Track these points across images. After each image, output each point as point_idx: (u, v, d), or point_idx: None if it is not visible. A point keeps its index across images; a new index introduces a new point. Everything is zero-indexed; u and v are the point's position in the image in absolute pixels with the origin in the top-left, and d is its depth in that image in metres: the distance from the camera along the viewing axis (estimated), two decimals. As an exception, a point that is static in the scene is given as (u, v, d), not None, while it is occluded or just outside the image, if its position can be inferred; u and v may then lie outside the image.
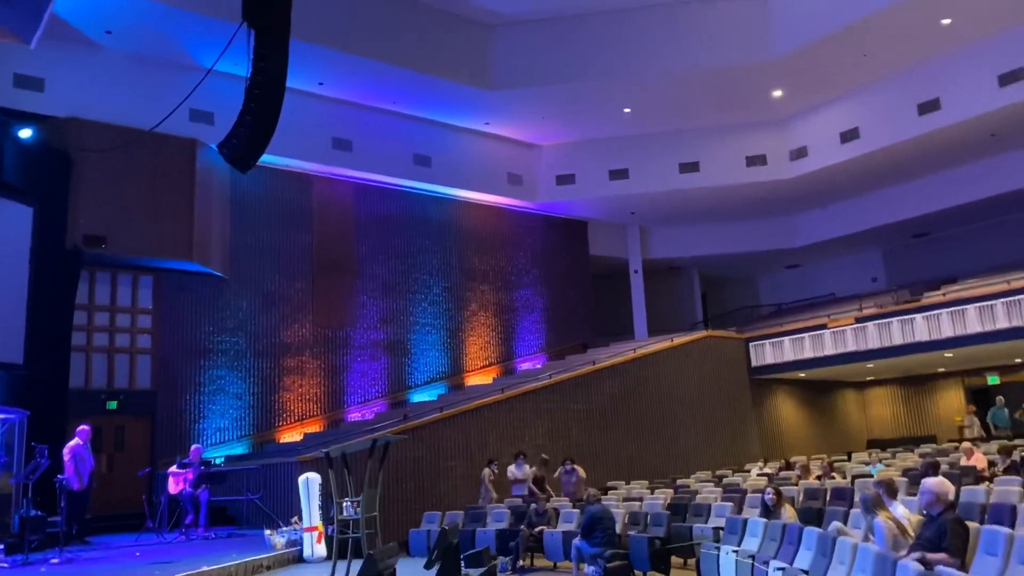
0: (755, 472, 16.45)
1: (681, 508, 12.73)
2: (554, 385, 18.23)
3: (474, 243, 21.94)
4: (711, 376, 21.02)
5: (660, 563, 10.74)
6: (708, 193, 22.48)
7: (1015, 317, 17.10)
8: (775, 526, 8.37)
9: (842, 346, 20.19)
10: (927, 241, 23.89)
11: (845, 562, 6.34)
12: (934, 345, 18.60)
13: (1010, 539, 5.80)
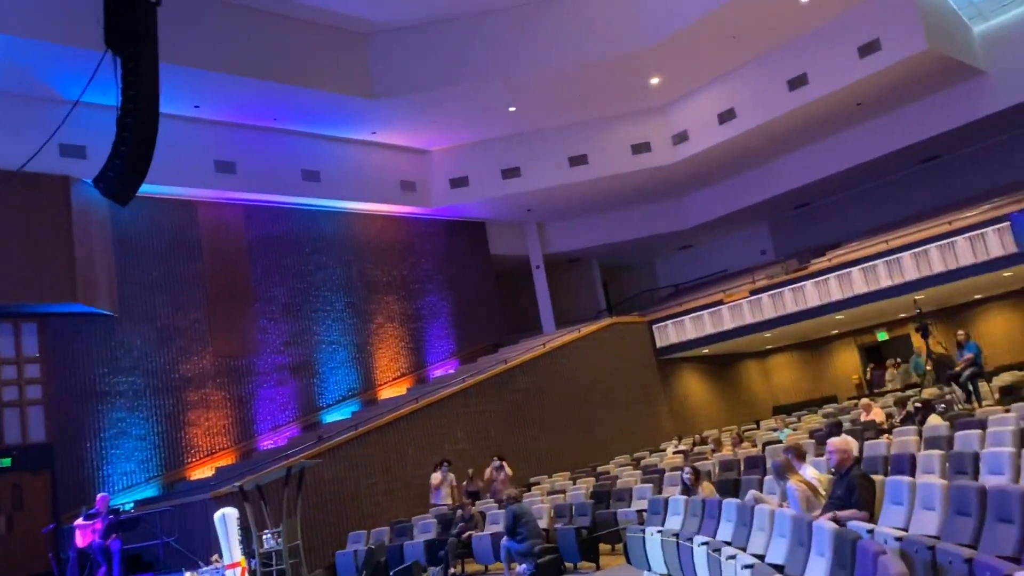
0: (671, 450, 16.85)
1: (604, 495, 12.93)
2: (468, 388, 18.22)
3: (373, 255, 21.68)
4: (620, 362, 21.40)
5: (589, 552, 10.89)
6: (599, 184, 22.87)
7: (896, 275, 18.03)
8: (695, 502, 8.59)
9: (740, 319, 20.87)
10: (809, 211, 24.93)
11: (764, 529, 6.55)
12: (825, 309, 19.43)
13: (912, 487, 6.11)
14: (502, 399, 18.72)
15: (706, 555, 7.02)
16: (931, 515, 5.60)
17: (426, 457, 16.53)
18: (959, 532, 5.00)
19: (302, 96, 18.43)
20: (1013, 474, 6.11)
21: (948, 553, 4.42)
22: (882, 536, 5.47)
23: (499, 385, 18.79)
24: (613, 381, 21.00)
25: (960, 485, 5.43)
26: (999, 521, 4.63)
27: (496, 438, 17.98)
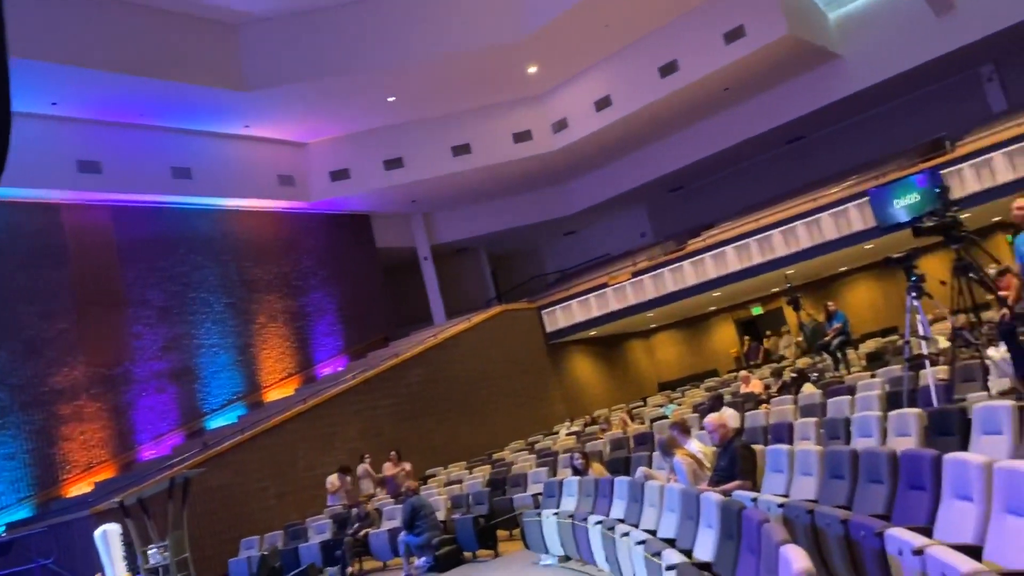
0: (564, 432, 17.13)
1: (500, 482, 13.03)
2: (359, 385, 17.97)
3: (253, 253, 21.03)
4: (511, 349, 21.57)
5: (487, 539, 10.95)
6: (483, 173, 22.92)
7: (767, 251, 18.86)
8: (588, 483, 8.76)
9: (623, 301, 21.38)
10: (684, 193, 25.75)
11: (655, 504, 6.74)
12: (702, 287, 20.13)
13: (791, 455, 6.42)
14: (395, 393, 18.56)
15: (601, 534, 7.17)
16: (809, 480, 5.90)
17: (318, 458, 16.23)
18: (835, 495, 5.29)
19: (169, 90, 17.64)
20: (880, 436, 6.51)
21: (826, 516, 4.66)
22: (765, 504, 5.73)
23: (391, 379, 18.62)
24: (505, 368, 21.15)
25: (834, 450, 5.74)
26: (870, 482, 4.92)
27: (390, 433, 17.83)
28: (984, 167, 16.14)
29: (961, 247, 7.00)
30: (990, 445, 4.99)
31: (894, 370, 9.66)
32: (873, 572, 3.98)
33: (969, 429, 5.40)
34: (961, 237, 7.02)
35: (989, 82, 20.62)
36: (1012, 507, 3.08)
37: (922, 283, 7.28)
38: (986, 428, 5.18)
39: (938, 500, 3.87)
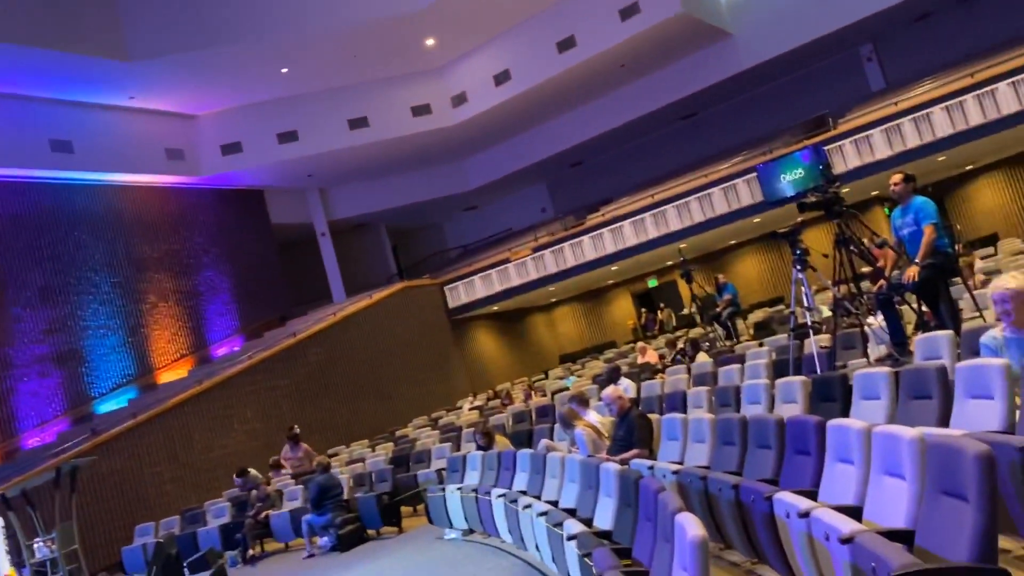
0: (467, 407, 17.23)
1: (404, 459, 13.02)
2: (256, 365, 17.58)
3: (141, 229, 20.15)
4: (413, 325, 21.48)
5: (391, 516, 10.95)
6: (381, 147, 22.60)
7: (662, 226, 19.36)
8: (491, 457, 8.85)
9: (525, 276, 21.57)
10: (583, 169, 26.08)
11: (557, 476, 6.88)
12: (601, 261, 20.52)
13: (685, 423, 6.64)
14: (294, 373, 18.24)
15: (504, 506, 7.27)
16: (702, 447, 6.12)
17: (215, 440, 15.84)
18: (727, 461, 5.51)
19: (47, 59, 16.64)
20: (768, 403, 6.80)
21: (718, 481, 4.86)
22: (661, 471, 5.92)
23: (290, 359, 18.28)
24: (408, 345, 21.06)
25: (725, 418, 5.97)
26: (759, 448, 5.14)
27: (290, 413, 17.53)
28: (864, 143, 16.94)
29: (842, 221, 7.34)
30: (869, 409, 5.29)
31: (780, 339, 10.09)
32: (763, 535, 4.19)
33: (850, 395, 5.70)
34: (842, 212, 7.35)
35: (869, 62, 21.61)
36: (889, 469, 3.28)
37: (806, 256, 7.60)
38: (865, 393, 5.48)
39: (822, 464, 4.08)
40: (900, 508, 3.10)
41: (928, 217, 6.65)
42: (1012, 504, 3.44)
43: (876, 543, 2.77)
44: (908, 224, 6.80)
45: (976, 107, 15.75)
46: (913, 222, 6.75)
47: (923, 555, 2.76)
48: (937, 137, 16.17)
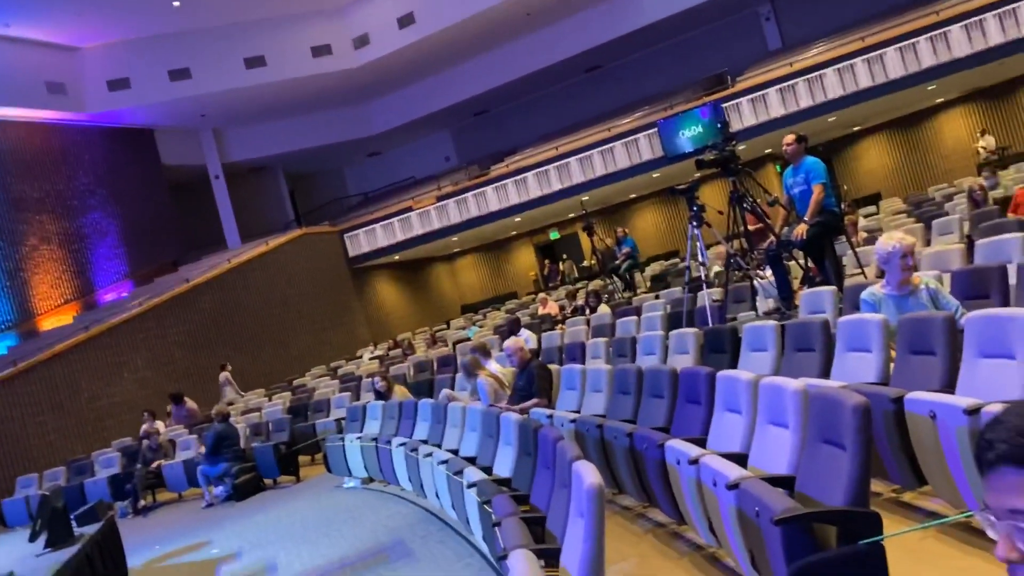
0: (367, 357, 17.14)
1: (302, 409, 12.89)
2: (147, 312, 16.97)
3: (19, 168, 18.94)
4: (312, 273, 21.09)
5: (288, 466, 10.87)
6: (279, 88, 21.84)
7: (565, 179, 19.51)
8: (391, 406, 8.86)
9: (428, 225, 21.43)
10: (488, 118, 25.92)
11: (457, 425, 6.95)
12: (505, 212, 20.57)
13: (583, 373, 6.80)
14: (187, 320, 17.69)
15: (404, 455, 7.32)
16: (599, 396, 6.29)
17: (103, 389, 15.28)
18: (622, 410, 5.68)
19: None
20: (662, 354, 7.03)
21: (614, 430, 5.02)
22: (560, 420, 6.07)
23: (182, 306, 17.71)
24: (306, 293, 20.69)
25: (621, 368, 6.14)
26: (653, 397, 5.32)
27: (182, 361, 17.05)
28: (760, 102, 17.42)
29: (737, 179, 7.57)
30: (757, 361, 5.54)
31: (676, 292, 10.40)
32: (655, 480, 4.36)
33: (739, 346, 5.95)
34: (738, 169, 7.58)
35: (767, 21, 22.11)
36: (774, 418, 3.46)
37: (702, 212, 7.82)
38: (753, 345, 5.73)
39: (712, 413, 4.26)
40: (783, 456, 3.28)
41: (818, 177, 6.92)
42: (884, 451, 3.69)
43: (760, 489, 2.93)
44: (799, 183, 7.06)
45: (865, 70, 16.38)
46: (804, 181, 7.01)
47: (803, 500, 2.93)
48: (828, 98, 16.77)
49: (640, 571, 4.17)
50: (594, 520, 2.81)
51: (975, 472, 3.04)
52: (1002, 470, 0.97)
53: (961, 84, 17.97)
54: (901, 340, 4.15)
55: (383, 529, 6.79)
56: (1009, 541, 0.97)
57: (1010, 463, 0.96)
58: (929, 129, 20.60)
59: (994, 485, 0.97)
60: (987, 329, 3.44)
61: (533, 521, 3.89)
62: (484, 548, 4.89)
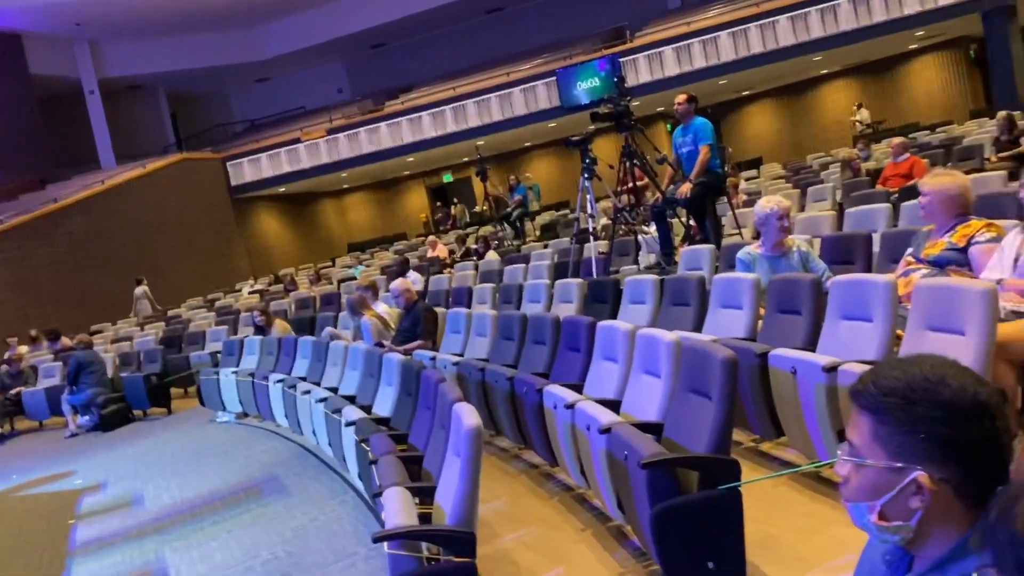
0: (247, 290, 16.69)
1: (176, 340, 12.50)
2: (9, 231, 15.95)
3: None
4: (191, 200, 20.23)
5: (159, 398, 10.55)
6: (163, 0, 20.56)
7: (461, 121, 19.34)
8: (271, 342, 8.68)
9: (317, 159, 20.86)
10: (385, 51, 25.26)
11: (338, 363, 6.89)
12: (398, 151, 20.24)
13: (468, 317, 6.85)
14: (54, 243, 16.72)
15: (282, 392, 7.21)
16: (483, 341, 6.36)
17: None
18: (505, 355, 5.76)
19: None
20: (547, 303, 7.15)
21: (495, 373, 5.10)
22: (443, 362, 6.11)
23: (50, 227, 16.71)
24: (185, 221, 19.86)
25: (506, 314, 6.22)
26: (535, 343, 5.42)
27: (48, 285, 16.15)
28: (656, 60, 17.67)
29: (630, 134, 7.69)
30: (636, 313, 5.71)
31: (563, 242, 10.55)
32: (532, 423, 4.47)
33: (620, 298, 6.11)
34: (630, 125, 7.70)
35: (669, -20, 22.31)
36: (647, 368, 3.59)
37: (594, 166, 7.93)
38: (633, 298, 5.90)
39: (590, 361, 4.38)
40: (654, 403, 3.41)
41: (705, 138, 7.11)
42: (748, 403, 3.90)
43: (630, 434, 3.05)
44: (687, 143, 7.23)
45: (758, 36, 16.84)
46: (692, 142, 7.19)
47: (670, 446, 3.07)
48: (722, 61, 17.17)
49: (511, 509, 4.29)
50: (470, 460, 2.86)
51: (828, 426, 3.26)
52: (855, 409, 1.13)
53: (845, 58, 18.74)
54: (771, 299, 4.36)
55: (256, 464, 6.71)
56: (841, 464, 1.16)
57: (855, 403, 1.13)
58: (812, 99, 21.44)
59: (852, 420, 1.15)
60: (849, 293, 3.66)
61: (410, 460, 3.92)
62: (359, 486, 4.91)
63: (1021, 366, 3.04)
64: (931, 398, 1.06)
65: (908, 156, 8.96)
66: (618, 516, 3.42)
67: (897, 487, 1.08)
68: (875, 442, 1.10)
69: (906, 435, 1.07)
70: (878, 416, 1.09)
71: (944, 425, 1.05)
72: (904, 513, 1.09)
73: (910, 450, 1.07)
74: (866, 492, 1.12)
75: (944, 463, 1.06)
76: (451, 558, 2.81)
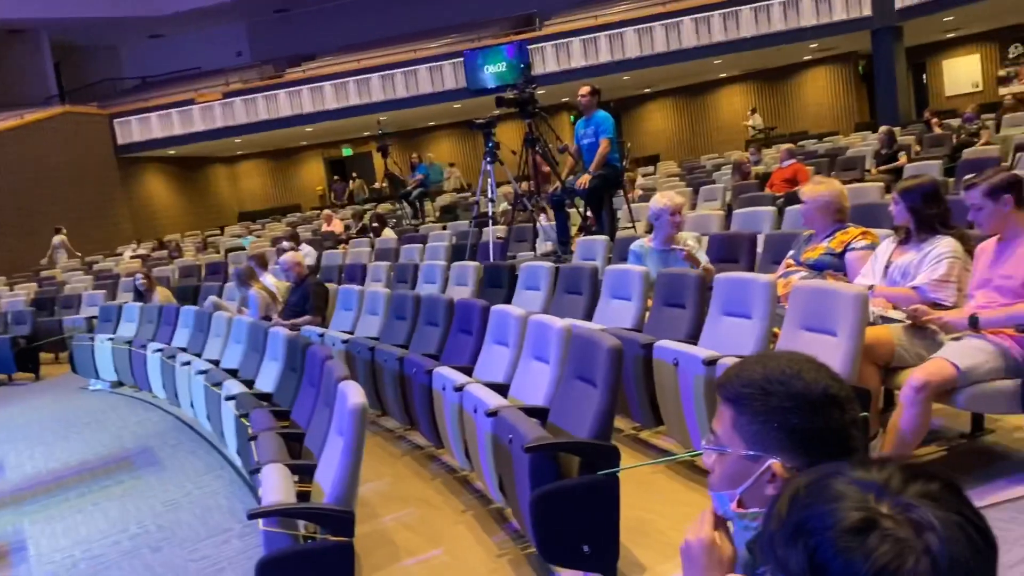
0: (128, 255, 16.00)
1: (48, 302, 11.87)
2: None
3: None
4: (73, 157, 19.15)
5: (27, 362, 10.00)
6: (50, -58, 19.35)
7: (364, 95, 18.99)
8: (151, 309, 8.35)
9: (211, 122, 20.10)
10: (288, 17, 24.51)
11: (221, 334, 6.68)
12: (296, 120, 19.71)
13: (361, 294, 6.75)
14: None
15: (160, 362, 6.95)
16: (375, 319, 6.28)
17: None
18: (396, 334, 5.71)
19: None
20: (442, 284, 7.12)
21: (385, 353, 5.05)
22: (331, 339, 6.01)
23: (-92, 173, 15.53)
24: (64, 178, 18.79)
25: (400, 293, 6.17)
26: (428, 324, 5.39)
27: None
28: (563, 50, 17.81)
29: (533, 121, 7.73)
30: (529, 298, 5.76)
31: (462, 225, 10.53)
32: (420, 404, 4.45)
33: (516, 283, 6.16)
34: (534, 112, 7.74)
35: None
36: (537, 353, 3.63)
37: (497, 150, 7.93)
38: (528, 284, 5.95)
39: (482, 344, 4.40)
40: (542, 389, 3.45)
41: (606, 132, 7.21)
42: (631, 392, 4.00)
43: (515, 417, 3.08)
44: (588, 135, 7.33)
45: (663, 35, 17.19)
46: (593, 134, 7.28)
47: (554, 430, 3.12)
48: (627, 56, 17.46)
49: (392, 490, 4.27)
50: (353, 438, 2.83)
51: (705, 417, 3.38)
52: (719, 400, 1.19)
53: (743, 63, 19.37)
54: (658, 292, 4.48)
55: (129, 435, 6.45)
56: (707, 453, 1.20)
57: (719, 394, 1.19)
58: (710, 101, 22.07)
59: (717, 411, 1.20)
60: (732, 290, 3.79)
61: (292, 437, 3.85)
62: (238, 462, 4.79)
63: (885, 368, 3.23)
64: (786, 390, 1.12)
65: (793, 162, 9.35)
66: (499, 499, 3.45)
67: (754, 475, 1.14)
68: (735, 431, 1.15)
69: (762, 424, 1.13)
70: (738, 406, 1.15)
71: (796, 415, 1.11)
72: (761, 500, 1.14)
73: (765, 439, 1.13)
74: (727, 480, 1.17)
75: (796, 452, 1.11)
76: (328, 537, 2.78)
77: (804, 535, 0.73)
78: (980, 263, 3.23)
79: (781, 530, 0.76)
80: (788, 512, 0.77)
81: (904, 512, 0.71)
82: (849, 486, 0.75)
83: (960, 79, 20.13)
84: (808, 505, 0.75)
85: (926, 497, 0.72)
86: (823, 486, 0.76)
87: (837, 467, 0.79)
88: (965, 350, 3.02)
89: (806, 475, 0.80)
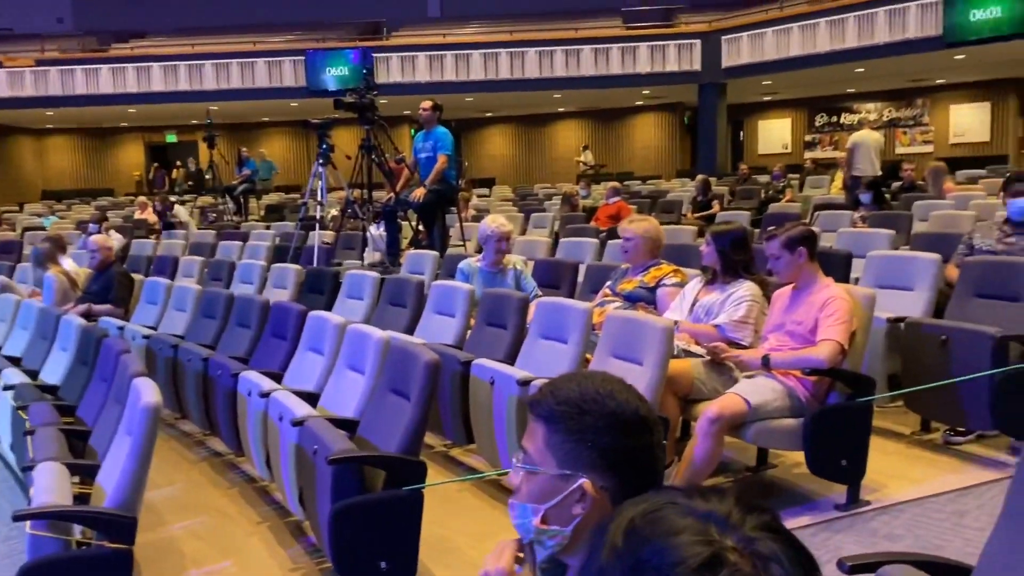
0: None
1: None
2: None
3: None
4: None
5: None
6: None
7: (195, 81, 18.09)
8: (-75, 286, 7.49)
9: (19, 89, 18.43)
10: (120, -10, 23.02)
11: (7, 319, 6.11)
12: (118, 99, 18.47)
13: (169, 289, 6.38)
14: None
15: (-70, 344, 6.24)
16: (182, 316, 5.94)
17: None
18: (204, 333, 5.42)
19: None
20: (260, 285, 6.85)
21: (189, 352, 4.77)
22: (132, 333, 5.62)
23: None
24: None
25: (212, 291, 5.87)
26: (239, 326, 5.15)
27: None
28: (409, 63, 17.78)
29: (372, 129, 7.63)
30: (351, 307, 5.64)
31: (288, 226, 10.22)
32: (222, 409, 4.23)
33: (339, 291, 6.02)
34: (374, 120, 7.64)
35: (432, -12, 22.61)
36: (352, 363, 3.54)
37: (331, 153, 7.77)
38: (351, 292, 5.84)
39: (295, 350, 4.24)
40: (354, 399, 3.37)
41: (444, 148, 7.24)
42: (445, 408, 3.99)
43: (322, 428, 2.98)
44: (427, 149, 7.34)
45: (507, 63, 17.57)
46: (431, 148, 7.30)
47: (362, 443, 3.05)
48: (471, 78, 17.68)
49: (185, 497, 4.03)
50: (142, 439, 2.64)
51: (516, 437, 3.42)
52: (531, 417, 1.18)
53: (580, 100, 20.10)
54: (481, 311, 4.52)
55: None
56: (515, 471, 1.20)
57: (532, 412, 1.18)
58: (547, 133, 22.71)
59: (528, 429, 1.19)
60: (551, 314, 3.88)
61: (75, 434, 3.56)
62: (11, 458, 4.36)
63: (684, 399, 3.40)
64: (600, 409, 1.13)
65: (618, 200, 9.78)
66: (298, 511, 3.33)
67: (563, 493, 1.13)
68: (547, 449, 1.14)
69: (575, 443, 1.12)
70: (552, 424, 1.14)
71: (609, 435, 1.12)
72: (564, 519, 1.14)
73: (577, 458, 1.12)
74: (534, 498, 1.16)
75: (607, 471, 1.12)
76: (105, 543, 2.56)
77: (646, 572, 0.70)
78: (775, 308, 3.48)
79: (617, 563, 0.73)
80: (624, 544, 0.73)
81: (748, 546, 0.70)
82: (686, 518, 0.72)
83: (772, 139, 21.82)
84: (647, 540, 0.72)
85: (765, 529, 0.72)
86: (659, 517, 0.74)
87: (669, 495, 0.76)
88: (756, 387, 3.24)
89: (638, 503, 0.77)
